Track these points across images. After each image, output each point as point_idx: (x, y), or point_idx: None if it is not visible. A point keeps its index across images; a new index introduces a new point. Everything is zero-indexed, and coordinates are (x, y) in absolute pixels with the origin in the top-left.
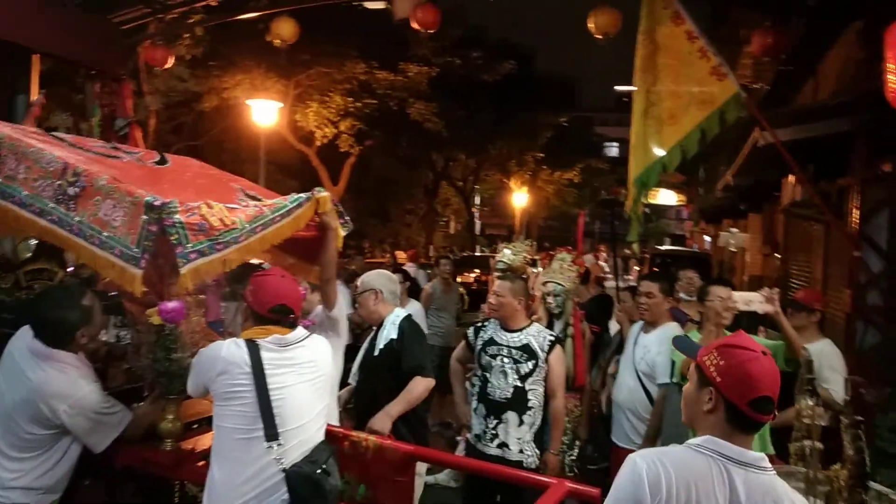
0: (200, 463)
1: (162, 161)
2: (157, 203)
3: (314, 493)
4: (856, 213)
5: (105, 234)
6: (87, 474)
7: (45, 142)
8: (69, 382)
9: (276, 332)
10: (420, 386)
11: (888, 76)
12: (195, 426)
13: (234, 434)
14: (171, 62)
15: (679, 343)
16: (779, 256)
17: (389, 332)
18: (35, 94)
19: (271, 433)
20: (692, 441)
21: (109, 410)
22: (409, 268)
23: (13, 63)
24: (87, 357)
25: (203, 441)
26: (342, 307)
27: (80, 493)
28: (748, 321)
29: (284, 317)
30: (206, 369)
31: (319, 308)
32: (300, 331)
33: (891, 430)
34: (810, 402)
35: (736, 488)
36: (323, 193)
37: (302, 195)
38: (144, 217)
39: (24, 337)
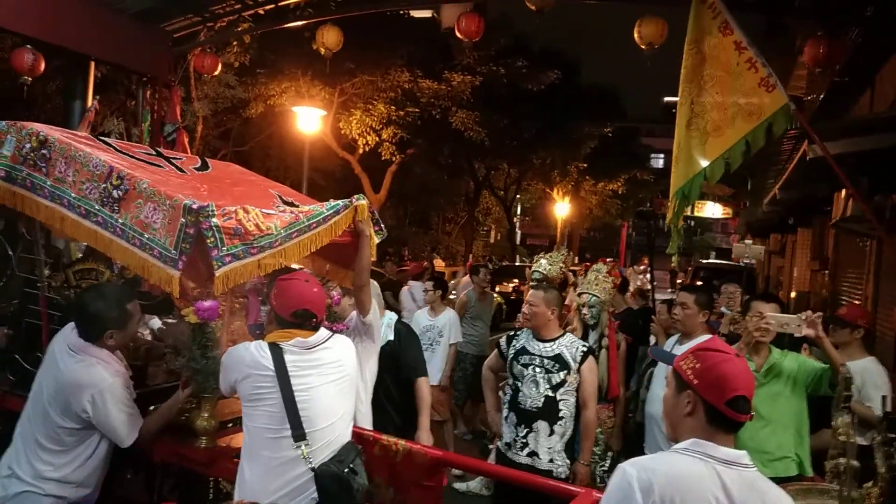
0: (234, 460)
1: (203, 167)
2: (195, 206)
3: (342, 491)
4: None
5: (146, 235)
6: (128, 467)
7: (93, 146)
8: (94, 373)
9: (299, 336)
10: (426, 387)
11: None
12: (229, 425)
13: (264, 434)
14: (219, 69)
15: (655, 352)
16: (828, 272)
17: (386, 334)
18: (90, 100)
19: (299, 434)
20: (678, 446)
21: (131, 407)
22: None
23: (71, 70)
24: (128, 355)
25: (237, 439)
26: (376, 313)
27: (121, 485)
28: (791, 340)
29: (307, 321)
30: (231, 371)
31: (354, 313)
32: (323, 332)
33: None
34: (846, 420)
35: (727, 488)
36: (362, 201)
37: (339, 202)
38: (183, 220)
39: (65, 332)
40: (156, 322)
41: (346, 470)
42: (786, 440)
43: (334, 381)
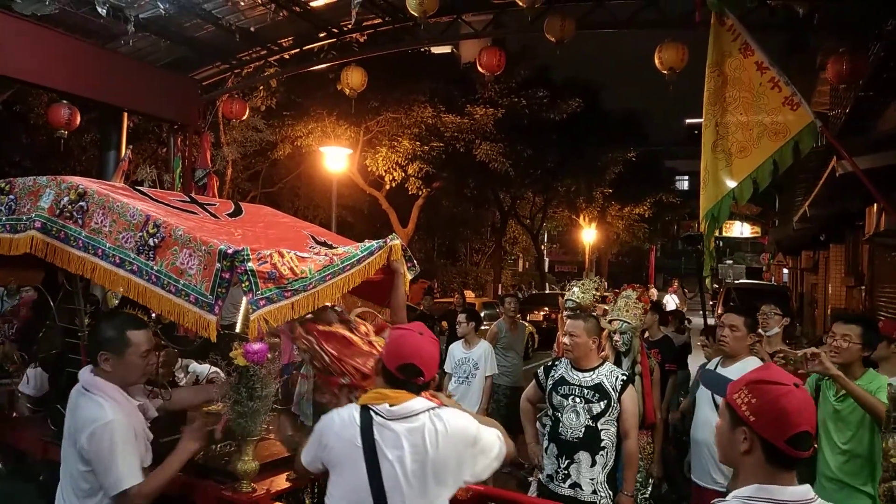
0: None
1: (237, 212)
2: (230, 251)
3: None
4: None
5: (182, 281)
6: None
7: (130, 196)
8: (96, 409)
9: (391, 399)
10: None
11: None
12: (270, 467)
13: None
14: (247, 114)
15: (706, 378)
16: (864, 288)
17: None
18: (124, 150)
19: None
20: (742, 493)
21: (132, 454)
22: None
23: (105, 122)
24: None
25: (277, 482)
26: None
27: None
28: None
29: (412, 378)
30: (318, 440)
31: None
32: (418, 402)
33: None
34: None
35: None
36: (396, 241)
37: (374, 244)
38: (218, 265)
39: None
40: (199, 366)
41: None
42: (860, 470)
43: (411, 470)
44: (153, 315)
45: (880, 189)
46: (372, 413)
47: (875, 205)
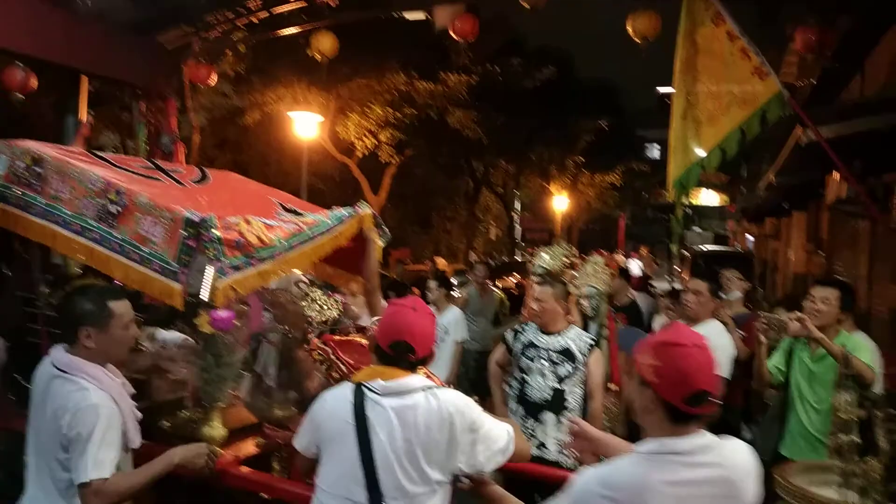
0: (242, 468)
1: (202, 178)
2: (195, 219)
3: None
4: None
5: (146, 249)
6: None
7: (89, 162)
8: (79, 392)
9: (385, 375)
10: None
11: None
12: (237, 433)
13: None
14: (214, 79)
15: (621, 337)
16: (823, 254)
17: None
18: (84, 115)
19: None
20: (643, 448)
21: (111, 446)
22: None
23: (63, 85)
24: (127, 369)
25: (245, 447)
26: None
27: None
28: None
29: (403, 354)
30: (311, 420)
31: (366, 317)
32: (414, 379)
33: None
34: (847, 398)
35: (692, 481)
36: (366, 210)
37: (343, 212)
38: (183, 232)
39: (51, 356)
40: (167, 334)
41: None
42: (823, 428)
43: (402, 448)
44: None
45: (842, 158)
46: (365, 390)
47: (836, 173)
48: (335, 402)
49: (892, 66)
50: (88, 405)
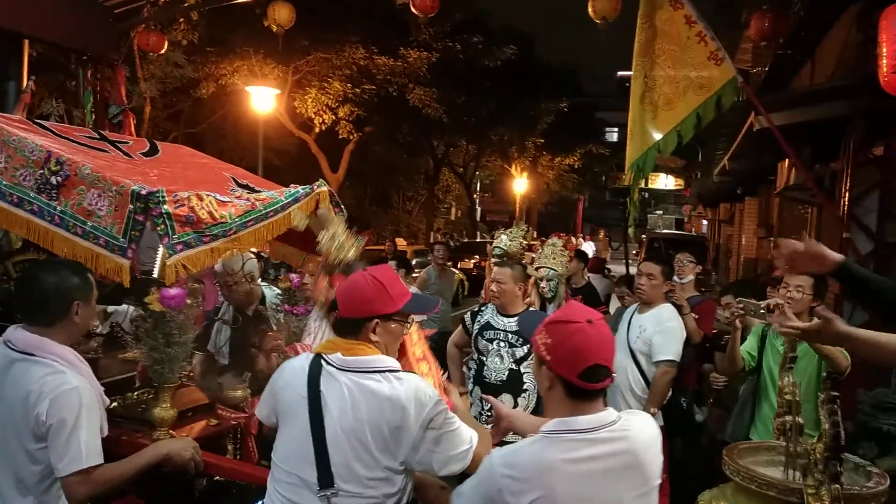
0: None
1: (152, 151)
2: (143, 192)
3: None
4: (846, 196)
5: (90, 223)
6: None
7: (29, 130)
8: (53, 374)
9: (343, 349)
10: None
11: (882, 60)
12: (189, 414)
13: (283, 476)
14: (165, 48)
15: (523, 322)
16: (773, 239)
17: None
18: (25, 81)
19: (326, 479)
20: (545, 427)
21: (93, 424)
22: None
23: (3, 49)
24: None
25: (197, 428)
26: None
27: None
28: None
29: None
30: (268, 391)
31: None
32: (380, 359)
33: (872, 405)
34: (792, 379)
35: (594, 456)
36: (323, 188)
37: (299, 190)
38: (131, 206)
39: (6, 338)
40: (120, 308)
41: None
42: (808, 417)
43: (351, 427)
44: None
45: (792, 145)
46: (322, 363)
47: (786, 160)
48: (292, 372)
49: (841, 55)
50: (70, 388)
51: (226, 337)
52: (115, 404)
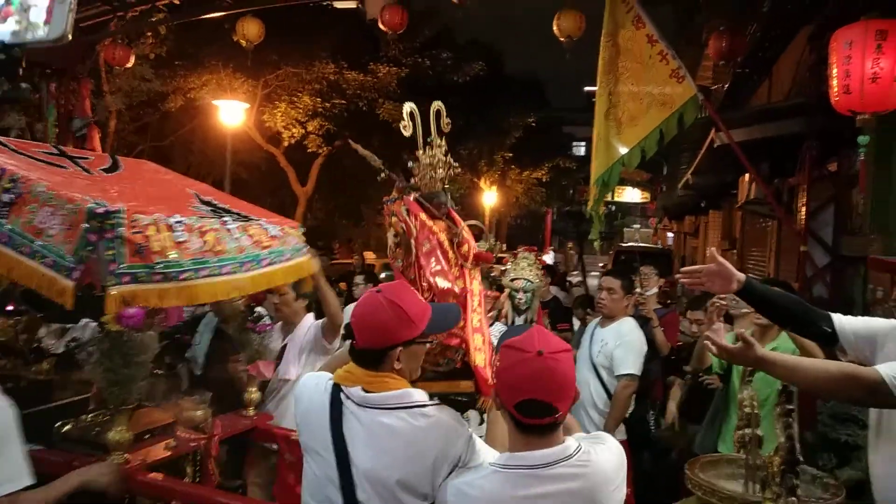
0: (149, 475)
1: (113, 167)
2: (100, 210)
3: None
4: (804, 210)
5: (38, 242)
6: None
7: None
8: None
9: (367, 383)
10: None
11: (832, 81)
12: (146, 436)
13: None
14: (132, 61)
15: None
16: (736, 251)
17: None
18: None
19: None
20: (497, 461)
21: (19, 444)
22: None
23: None
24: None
25: (155, 451)
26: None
27: None
28: None
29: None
30: (296, 416)
31: (314, 327)
32: (399, 394)
33: (831, 416)
34: (752, 392)
35: (545, 494)
36: (301, 258)
37: (286, 249)
38: (85, 225)
39: None
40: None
41: None
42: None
43: (375, 475)
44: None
45: (751, 160)
46: (343, 397)
47: (747, 175)
48: (310, 403)
49: (795, 74)
50: None
51: (203, 348)
52: (68, 427)
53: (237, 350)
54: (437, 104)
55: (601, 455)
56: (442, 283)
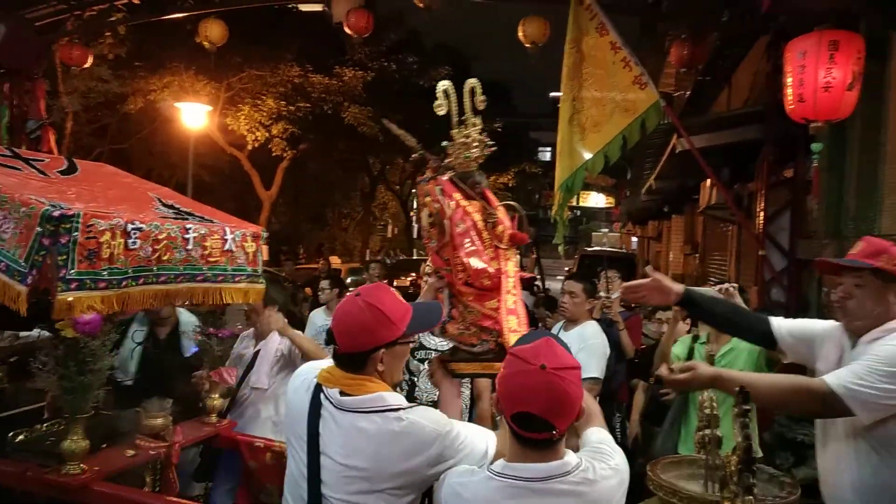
0: (107, 484)
1: (70, 169)
2: (56, 214)
3: None
4: (762, 215)
5: None
6: None
7: None
8: None
9: (345, 385)
10: None
11: (787, 90)
12: (103, 445)
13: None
14: (89, 62)
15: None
16: (698, 255)
17: None
18: None
19: None
20: (496, 466)
21: None
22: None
23: None
24: None
25: (113, 460)
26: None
27: None
28: None
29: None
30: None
31: (286, 342)
32: (375, 397)
33: (788, 417)
34: (711, 394)
35: None
36: (257, 286)
37: (242, 271)
38: (39, 229)
39: None
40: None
41: None
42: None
43: (349, 476)
44: None
45: (711, 166)
46: (322, 397)
47: (708, 180)
48: (295, 394)
49: (753, 82)
50: None
51: (136, 358)
52: (21, 437)
53: (176, 357)
54: (472, 81)
55: (600, 473)
56: (476, 263)
